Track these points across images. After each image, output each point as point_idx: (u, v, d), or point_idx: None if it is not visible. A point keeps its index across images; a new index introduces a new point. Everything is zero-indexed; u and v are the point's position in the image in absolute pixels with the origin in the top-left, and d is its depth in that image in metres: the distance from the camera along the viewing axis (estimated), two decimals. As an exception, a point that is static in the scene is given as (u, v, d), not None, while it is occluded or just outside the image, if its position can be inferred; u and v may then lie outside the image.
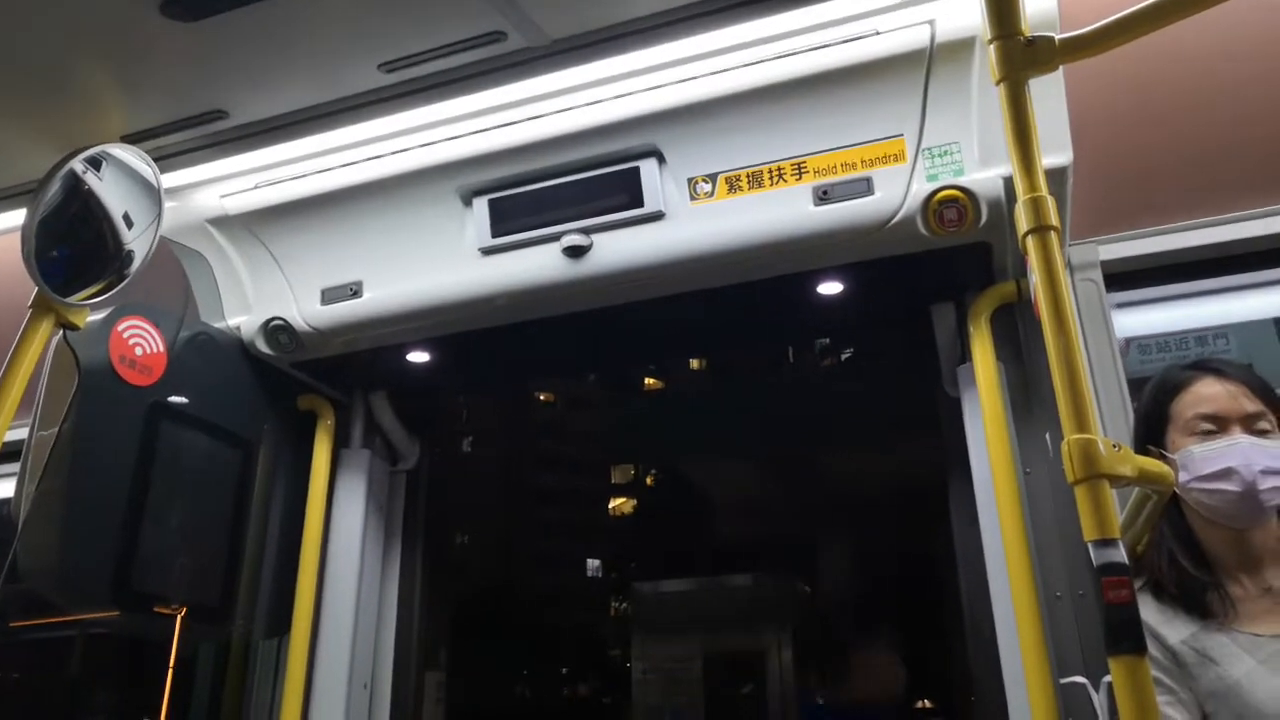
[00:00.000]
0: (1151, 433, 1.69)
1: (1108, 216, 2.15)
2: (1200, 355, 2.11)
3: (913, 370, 2.63)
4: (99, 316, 2.09)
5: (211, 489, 2.39)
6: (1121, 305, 2.15)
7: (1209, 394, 1.63)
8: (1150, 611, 1.58)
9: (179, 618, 2.22)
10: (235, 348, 2.47)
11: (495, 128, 2.17)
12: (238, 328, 2.46)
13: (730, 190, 2.08)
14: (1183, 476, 1.60)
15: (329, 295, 2.37)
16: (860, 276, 2.15)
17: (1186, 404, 1.65)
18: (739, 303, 2.24)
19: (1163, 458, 1.64)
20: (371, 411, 2.79)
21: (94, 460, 2.07)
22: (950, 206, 1.92)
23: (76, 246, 1.93)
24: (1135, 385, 1.99)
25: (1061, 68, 1.41)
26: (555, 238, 2.15)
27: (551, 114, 2.12)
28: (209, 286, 2.50)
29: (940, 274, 2.14)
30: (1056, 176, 1.81)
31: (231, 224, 2.42)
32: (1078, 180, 1.92)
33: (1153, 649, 1.54)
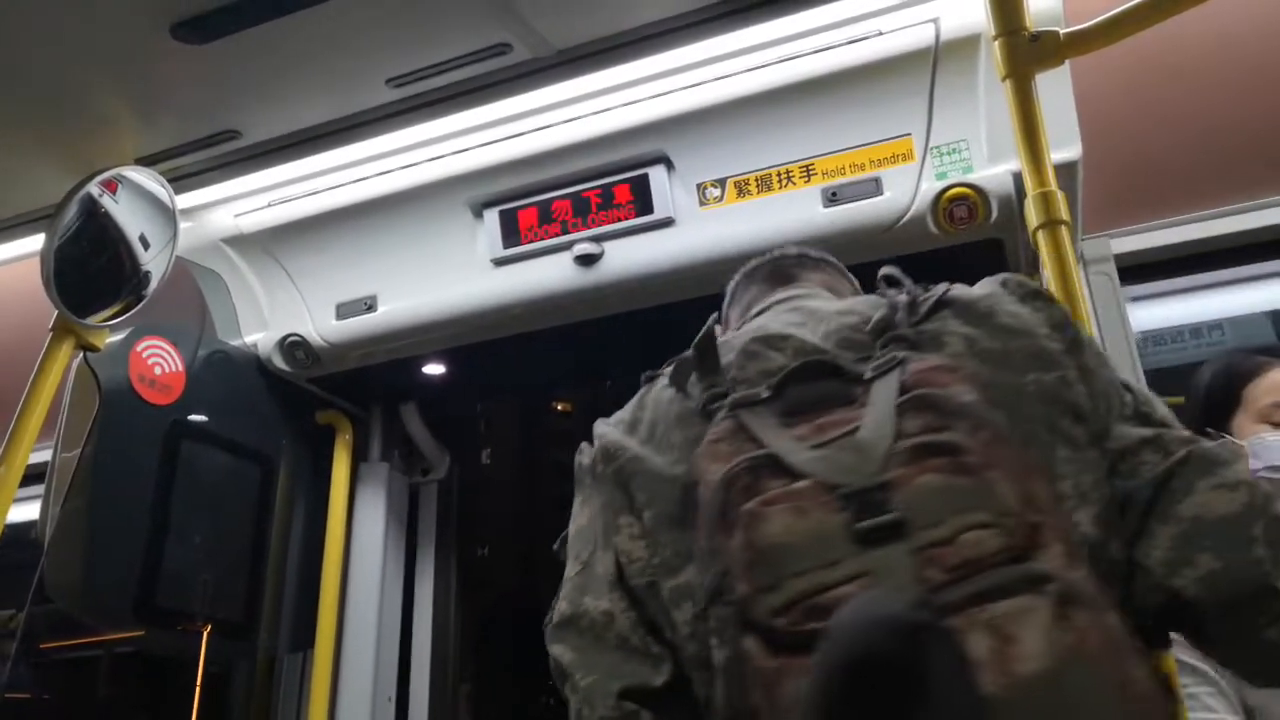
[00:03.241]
0: (1215, 416, 1.62)
1: (1122, 210, 2.13)
2: (1196, 348, 2.09)
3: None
4: (118, 337, 2.12)
5: (233, 505, 2.41)
6: (1135, 299, 2.13)
7: None
8: None
9: (204, 634, 2.24)
10: (252, 365, 2.49)
11: (504, 139, 2.18)
12: (254, 345, 2.48)
13: (739, 194, 2.08)
14: (1252, 464, 1.55)
15: (344, 310, 2.39)
16: (872, 277, 2.13)
17: (1264, 390, 1.58)
18: (752, 306, 2.23)
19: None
20: (397, 423, 2.81)
21: (117, 479, 2.09)
22: (960, 204, 1.91)
23: (95, 269, 1.96)
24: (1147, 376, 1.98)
25: (1068, 61, 1.41)
26: (566, 247, 2.16)
27: (559, 124, 2.13)
28: (225, 305, 2.52)
29: (952, 272, 2.11)
30: (1066, 171, 1.80)
31: (246, 242, 2.44)
32: (1090, 174, 1.90)
33: None
